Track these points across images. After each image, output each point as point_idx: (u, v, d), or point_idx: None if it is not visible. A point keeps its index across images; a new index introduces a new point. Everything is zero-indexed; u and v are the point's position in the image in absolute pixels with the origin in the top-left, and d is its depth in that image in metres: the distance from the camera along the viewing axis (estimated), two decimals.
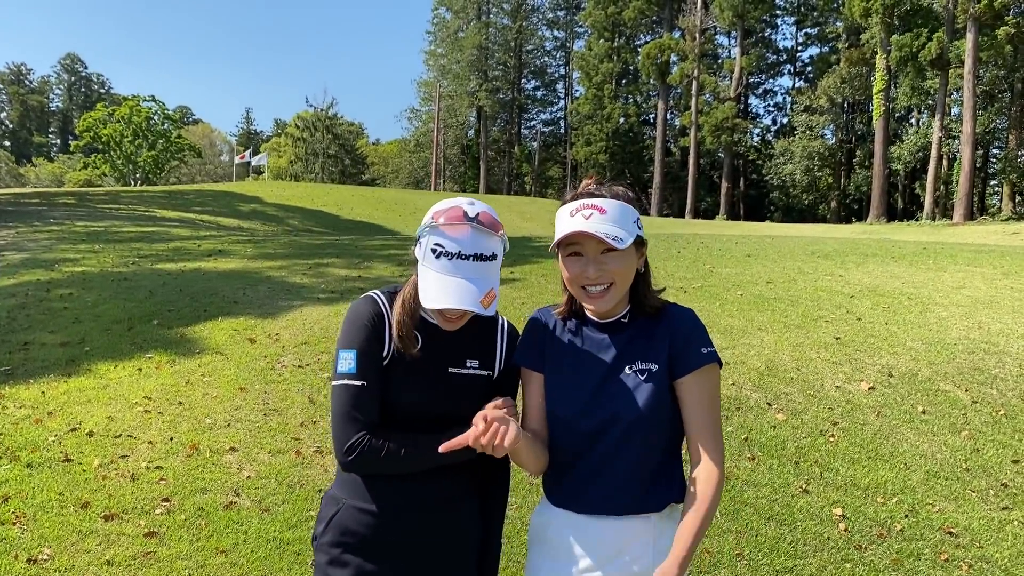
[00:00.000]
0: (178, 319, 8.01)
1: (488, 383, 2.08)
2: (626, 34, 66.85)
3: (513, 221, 32.88)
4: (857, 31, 51.59)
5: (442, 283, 1.91)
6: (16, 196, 28.09)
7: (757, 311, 8.54)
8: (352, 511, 1.99)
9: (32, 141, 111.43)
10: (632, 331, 2.02)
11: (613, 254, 1.91)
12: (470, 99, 72.09)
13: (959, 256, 12.56)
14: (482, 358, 2.08)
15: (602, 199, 1.93)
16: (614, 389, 1.97)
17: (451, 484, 2.04)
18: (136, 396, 6.02)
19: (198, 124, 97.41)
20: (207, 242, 14.39)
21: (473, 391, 2.03)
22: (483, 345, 2.09)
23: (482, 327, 2.11)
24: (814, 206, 59.11)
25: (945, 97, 44.35)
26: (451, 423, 1.96)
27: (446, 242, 1.93)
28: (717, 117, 56.60)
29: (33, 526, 4.19)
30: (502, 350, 2.12)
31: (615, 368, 1.99)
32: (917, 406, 6.33)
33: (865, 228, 37.92)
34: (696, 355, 1.95)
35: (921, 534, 4.65)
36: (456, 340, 2.04)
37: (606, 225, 1.89)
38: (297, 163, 75.19)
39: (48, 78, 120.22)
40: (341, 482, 2.05)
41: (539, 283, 9.80)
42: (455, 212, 1.96)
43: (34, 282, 9.77)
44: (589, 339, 2.05)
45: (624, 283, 1.96)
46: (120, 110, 60.10)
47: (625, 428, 1.94)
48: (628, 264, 1.94)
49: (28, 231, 15.39)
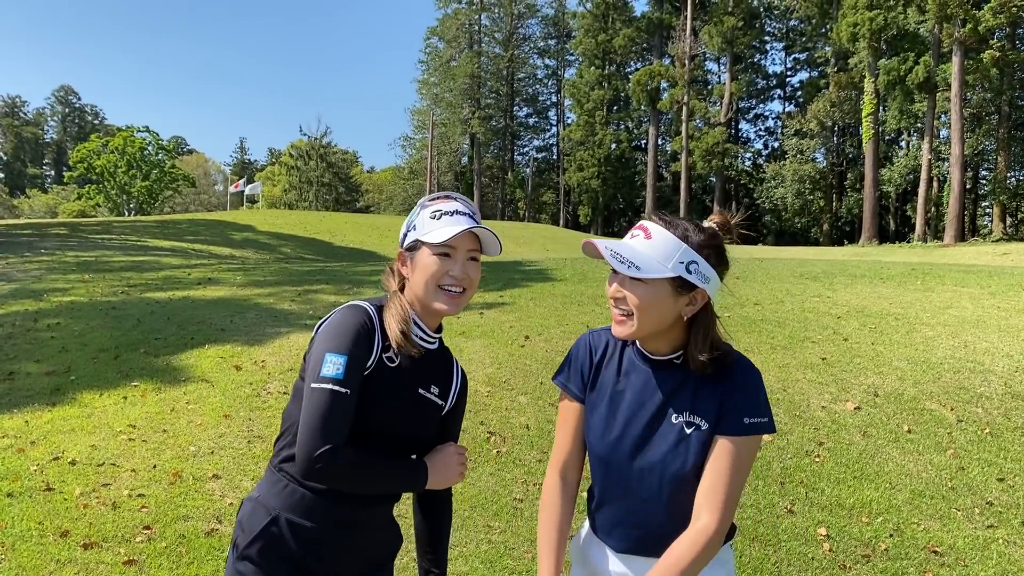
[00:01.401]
0: (165, 347, 8.00)
1: (440, 411, 2.13)
2: (616, 61, 67.50)
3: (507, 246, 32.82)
4: (845, 56, 52.19)
5: (451, 223, 1.98)
6: (9, 227, 28.08)
7: (744, 332, 8.56)
8: (287, 525, 1.93)
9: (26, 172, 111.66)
10: (683, 377, 1.90)
11: (634, 282, 1.82)
12: (463, 127, 72.62)
13: (947, 276, 12.61)
14: (441, 387, 2.12)
15: (656, 225, 1.85)
16: (657, 437, 1.88)
17: (382, 511, 2.09)
18: (120, 424, 6.00)
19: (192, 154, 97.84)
20: (197, 270, 14.39)
21: (433, 416, 2.09)
22: (443, 375, 2.14)
23: (443, 360, 2.16)
24: (806, 229, 59.42)
25: (933, 120, 44.80)
26: (409, 444, 2.02)
27: (443, 207, 2.02)
28: (708, 142, 57.04)
29: (12, 555, 4.16)
30: (456, 385, 2.18)
31: (660, 413, 1.90)
32: (903, 425, 6.33)
33: (856, 250, 38.07)
34: (739, 423, 1.83)
35: (906, 553, 4.63)
36: (424, 365, 2.06)
37: (635, 249, 1.82)
38: (291, 191, 75.48)
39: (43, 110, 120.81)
40: (274, 491, 1.97)
41: (527, 307, 9.82)
42: (442, 194, 2.08)
43: (22, 312, 9.75)
44: (638, 372, 1.95)
45: (645, 316, 1.83)
46: (114, 141, 60.41)
47: (667, 479, 1.87)
48: (652, 298, 1.82)
49: (19, 261, 15.37)
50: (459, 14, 73.09)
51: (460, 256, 2.00)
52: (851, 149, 58.01)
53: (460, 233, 1.96)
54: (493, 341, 8.08)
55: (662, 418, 1.88)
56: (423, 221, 2.01)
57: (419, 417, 2.03)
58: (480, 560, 4.32)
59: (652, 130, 62.52)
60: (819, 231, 58.65)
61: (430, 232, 1.98)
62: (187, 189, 71.41)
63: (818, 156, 58.54)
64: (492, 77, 75.17)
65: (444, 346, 2.18)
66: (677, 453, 1.84)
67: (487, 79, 74.85)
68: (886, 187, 50.44)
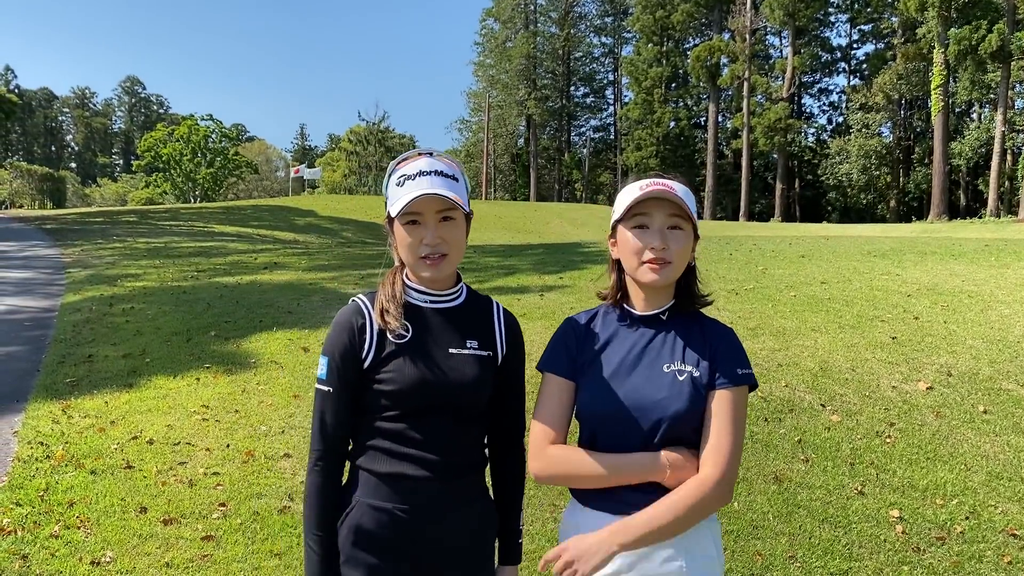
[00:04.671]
0: (235, 330, 8.20)
1: (491, 363, 2.05)
2: (675, 38, 66.42)
3: (564, 228, 32.90)
4: (913, 26, 50.44)
5: (409, 188, 1.90)
6: (81, 216, 29.04)
7: (811, 312, 8.40)
8: (366, 509, 1.95)
9: (96, 162, 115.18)
10: (669, 330, 2.02)
11: (677, 232, 1.95)
12: (519, 108, 72.38)
13: (1023, 252, 12.18)
14: (481, 339, 2.04)
15: (673, 180, 2.00)
16: (651, 388, 1.95)
17: (466, 484, 2.03)
18: (194, 405, 6.18)
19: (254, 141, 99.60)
20: (263, 255, 14.70)
21: (476, 371, 2.00)
22: (480, 327, 2.06)
23: (478, 311, 2.09)
24: (872, 206, 57.87)
25: (1008, 90, 43.13)
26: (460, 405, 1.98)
27: (406, 170, 1.94)
28: (770, 118, 55.83)
29: (96, 530, 4.33)
30: (500, 331, 2.09)
31: (652, 366, 1.98)
32: (978, 406, 6.16)
33: (925, 227, 36.97)
34: (733, 373, 1.95)
35: (983, 536, 4.52)
36: (453, 323, 2.02)
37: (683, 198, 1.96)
38: (351, 176, 76.33)
39: (110, 101, 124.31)
40: (354, 477, 2.01)
41: (589, 288, 9.79)
42: (411, 153, 2.00)
43: (98, 297, 10.10)
44: (626, 335, 2.05)
45: (682, 261, 1.97)
46: (179, 129, 61.85)
47: (663, 427, 1.92)
48: (689, 245, 1.98)
49: (92, 248, 15.91)
50: None
51: (429, 220, 1.91)
52: (919, 122, 56.23)
53: (418, 198, 1.86)
54: (554, 323, 8.07)
55: (654, 368, 1.97)
56: (391, 190, 1.95)
57: (457, 376, 1.97)
58: (547, 539, 4.34)
59: (712, 107, 61.47)
60: (885, 208, 57.07)
61: (395, 202, 1.92)
62: (250, 175, 72.84)
63: (884, 130, 56.90)
64: (548, 57, 74.71)
65: (478, 296, 2.12)
66: (673, 396, 1.92)
67: (543, 59, 74.43)
68: (956, 161, 48.79)
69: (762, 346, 7.28)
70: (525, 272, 11.61)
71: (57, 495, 4.71)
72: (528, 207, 45.44)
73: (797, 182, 62.59)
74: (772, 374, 6.65)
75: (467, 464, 2.03)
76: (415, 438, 1.95)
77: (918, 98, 54.82)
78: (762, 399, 6.15)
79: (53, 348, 7.93)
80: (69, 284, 11.44)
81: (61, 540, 4.20)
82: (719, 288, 9.37)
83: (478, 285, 10.50)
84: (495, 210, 40.50)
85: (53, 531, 4.28)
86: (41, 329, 8.75)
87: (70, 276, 12.21)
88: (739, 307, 8.59)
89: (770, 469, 5.18)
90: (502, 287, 10.21)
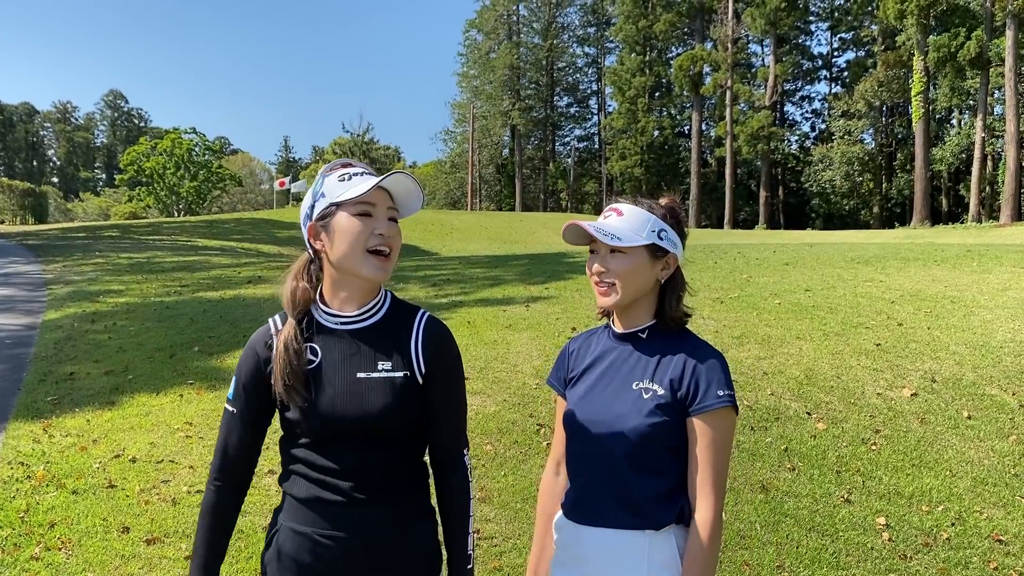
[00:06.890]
0: (218, 345, 8.14)
1: (408, 384, 1.91)
2: (658, 47, 66.74)
3: (550, 238, 32.88)
4: (892, 33, 50.89)
5: (363, 181, 1.87)
6: (63, 231, 28.83)
7: (795, 319, 8.43)
8: (289, 533, 1.91)
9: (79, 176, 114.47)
10: (646, 347, 2.06)
11: (617, 255, 2.00)
12: (503, 118, 72.50)
13: (1004, 257, 12.28)
14: (395, 360, 1.91)
15: (624, 204, 2.07)
16: (616, 403, 2.02)
17: (394, 510, 1.92)
18: (178, 422, 6.12)
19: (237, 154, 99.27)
20: (247, 269, 14.63)
21: (387, 394, 1.88)
22: (395, 346, 1.92)
23: (396, 328, 1.95)
24: (856, 212, 58.20)
25: (987, 96, 43.52)
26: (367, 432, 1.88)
27: (348, 170, 1.91)
28: (753, 126, 56.13)
29: (78, 551, 4.28)
30: (417, 349, 1.93)
31: (623, 383, 2.04)
32: (962, 411, 6.19)
33: (908, 232, 37.22)
34: (713, 396, 1.94)
35: (969, 542, 4.53)
36: (366, 344, 1.91)
37: (612, 226, 2.01)
38: None
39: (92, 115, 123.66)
40: (282, 499, 1.99)
41: (573, 298, 9.79)
42: (340, 161, 1.97)
43: (79, 314, 10.01)
44: (610, 352, 2.11)
45: (628, 284, 2.00)
46: (162, 143, 61.58)
47: (623, 446, 1.97)
48: (634, 267, 2.00)
49: (74, 264, 15.78)
50: (497, 5, 72.87)
51: (381, 213, 1.88)
52: (900, 129, 56.65)
53: (378, 184, 1.84)
54: (540, 334, 8.07)
55: (624, 386, 2.02)
56: (331, 186, 1.88)
57: (362, 402, 1.86)
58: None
59: (695, 116, 61.76)
60: (869, 213, 57.43)
61: (344, 193, 1.86)
62: (234, 188, 72.54)
63: (866, 137, 57.26)
64: (532, 68, 74.89)
65: (403, 310, 1.99)
66: (632, 412, 1.97)
67: (527, 70, 74.59)
68: (937, 167, 49.16)
69: (747, 354, 7.29)
70: (511, 283, 11.60)
71: (38, 516, 4.65)
72: (514, 217, 45.50)
73: (781, 189, 62.91)
74: (757, 383, 6.66)
75: (391, 489, 1.91)
76: (327, 465, 1.88)
77: (899, 105, 55.24)
78: (748, 408, 6.16)
79: (34, 366, 7.85)
80: (50, 301, 11.34)
81: (42, 562, 4.14)
82: (704, 297, 9.39)
83: (463, 296, 10.48)
84: (481, 220, 40.51)
85: (34, 553, 4.22)
86: (22, 347, 8.66)
87: (51, 292, 12.10)
88: (724, 316, 8.61)
89: (757, 478, 5.18)
90: (487, 298, 10.19)
